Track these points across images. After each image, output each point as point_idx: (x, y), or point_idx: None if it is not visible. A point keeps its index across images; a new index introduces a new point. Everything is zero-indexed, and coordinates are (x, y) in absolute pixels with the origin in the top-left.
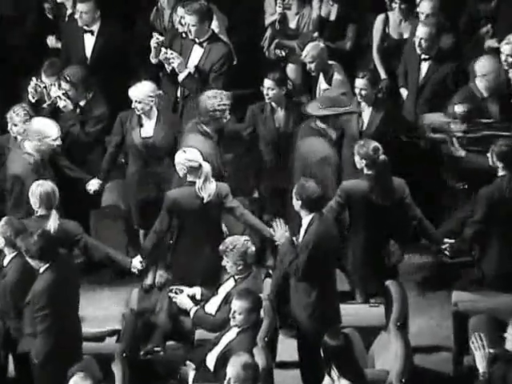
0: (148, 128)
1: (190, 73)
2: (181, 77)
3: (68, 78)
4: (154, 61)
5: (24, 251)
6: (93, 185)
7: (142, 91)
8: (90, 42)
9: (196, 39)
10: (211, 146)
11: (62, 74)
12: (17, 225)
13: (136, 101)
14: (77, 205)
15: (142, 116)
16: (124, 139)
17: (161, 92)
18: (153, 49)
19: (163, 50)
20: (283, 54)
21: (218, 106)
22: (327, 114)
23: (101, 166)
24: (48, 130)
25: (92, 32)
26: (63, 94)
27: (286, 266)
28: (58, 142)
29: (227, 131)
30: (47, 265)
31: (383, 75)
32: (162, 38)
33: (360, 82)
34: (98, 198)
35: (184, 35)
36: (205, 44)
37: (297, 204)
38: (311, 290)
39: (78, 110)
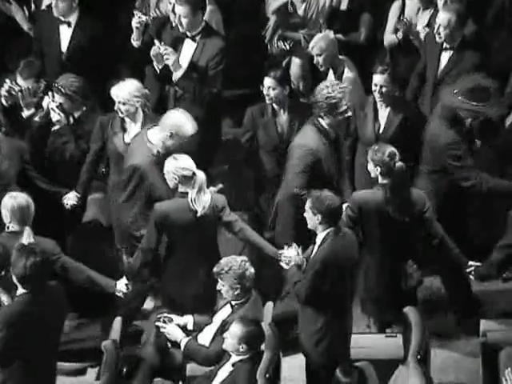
0: (132, 133)
1: (186, 71)
2: (176, 76)
3: (63, 90)
4: (135, 44)
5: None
6: (70, 199)
7: (126, 90)
8: (66, 34)
9: (187, 32)
10: (326, 146)
11: (55, 84)
12: None
13: (119, 102)
14: (55, 222)
15: (126, 119)
16: (105, 146)
17: (147, 91)
18: (135, 30)
19: (156, 43)
20: (287, 46)
21: (327, 98)
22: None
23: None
24: (184, 126)
25: (69, 23)
26: (57, 106)
27: (290, 287)
28: (187, 140)
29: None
30: (26, 291)
31: None
32: (144, 18)
33: (379, 79)
34: (78, 214)
35: (172, 26)
36: (198, 38)
37: (313, 220)
38: (318, 316)
39: (71, 121)
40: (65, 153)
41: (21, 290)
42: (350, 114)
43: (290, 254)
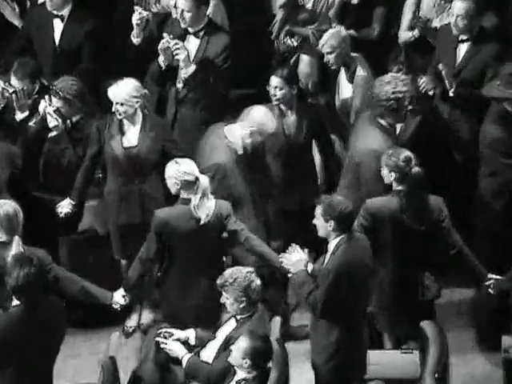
0: (131, 136)
1: (197, 68)
2: (186, 73)
3: (61, 93)
4: (135, 41)
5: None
6: (64, 207)
7: (124, 91)
8: (58, 28)
9: (190, 28)
10: (390, 146)
11: (53, 87)
12: None
13: (117, 103)
14: (48, 231)
15: (124, 121)
16: (102, 150)
17: (146, 91)
18: (135, 26)
19: (165, 36)
20: (295, 43)
21: (393, 93)
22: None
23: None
24: (266, 123)
25: (62, 17)
26: (54, 111)
27: (302, 299)
28: (264, 138)
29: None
30: (18, 302)
31: None
32: (145, 14)
33: None
34: (73, 223)
35: (173, 22)
36: (201, 34)
37: (325, 228)
38: (331, 329)
39: (69, 127)
40: (62, 159)
41: (15, 302)
42: (411, 107)
43: (294, 259)
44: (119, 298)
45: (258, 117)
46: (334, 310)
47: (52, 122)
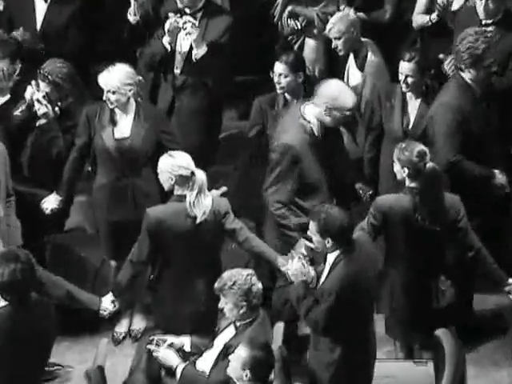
0: (123, 126)
1: (208, 50)
2: (198, 54)
3: (50, 77)
4: (132, 19)
5: None
6: (50, 202)
7: (116, 77)
8: (41, 9)
9: (187, 9)
10: (473, 104)
11: (40, 71)
12: None
13: (109, 90)
14: (32, 229)
15: (116, 111)
16: (91, 141)
17: (140, 78)
18: (133, 2)
19: (171, 15)
20: (298, 25)
21: (469, 48)
22: None
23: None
24: (341, 96)
25: None
26: (43, 97)
27: (302, 315)
28: (349, 113)
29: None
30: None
31: None
32: None
33: (406, 67)
34: (60, 221)
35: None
36: (199, 15)
37: (323, 244)
38: (335, 345)
39: (58, 114)
40: (51, 150)
41: (2, 303)
42: (494, 68)
43: (294, 268)
44: (108, 303)
45: (329, 91)
46: (337, 327)
47: (41, 109)
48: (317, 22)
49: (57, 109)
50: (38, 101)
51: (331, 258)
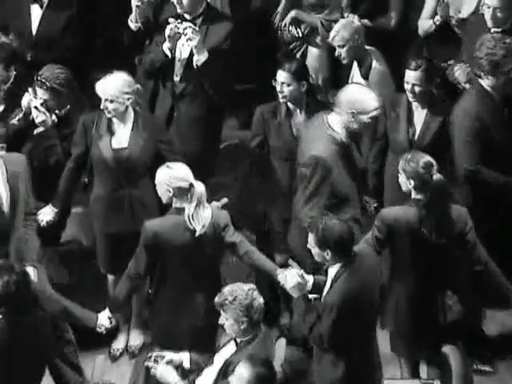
0: (121, 136)
1: (209, 56)
2: (200, 60)
3: (48, 84)
4: (133, 26)
5: None
6: (45, 214)
7: (114, 86)
8: (37, 14)
9: (186, 15)
10: (492, 110)
11: (38, 78)
12: None
13: (106, 99)
14: None
15: (114, 120)
16: (88, 151)
17: (139, 86)
18: (134, 9)
19: (172, 20)
20: (300, 33)
21: (487, 55)
22: None
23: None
24: (366, 99)
25: (41, 2)
26: (42, 104)
27: (304, 331)
28: (376, 114)
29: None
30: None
31: None
32: None
33: (412, 75)
34: (56, 233)
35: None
36: (199, 21)
37: (322, 256)
38: (338, 361)
39: (55, 121)
40: (49, 159)
41: None
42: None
43: (291, 280)
44: (104, 320)
45: (350, 96)
46: (341, 341)
47: (39, 116)
48: (320, 29)
49: (54, 117)
50: (36, 108)
51: (333, 271)
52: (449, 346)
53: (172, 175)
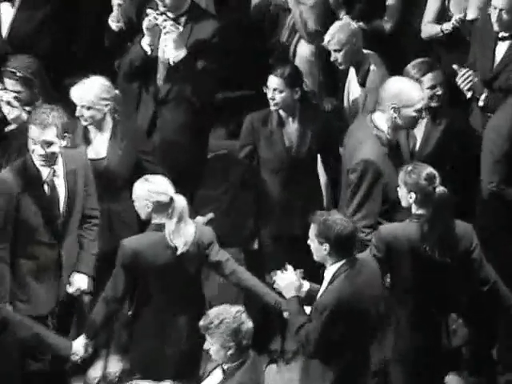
0: (99, 146)
1: (188, 53)
2: (177, 56)
3: (18, 73)
4: (114, 26)
5: None
6: None
7: (91, 91)
8: (7, 15)
9: (169, 13)
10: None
11: (6, 69)
12: None
13: (83, 106)
14: None
15: (91, 128)
16: None
17: (117, 92)
18: (115, 7)
19: (150, 12)
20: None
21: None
22: None
23: None
24: (408, 91)
25: (12, 1)
26: (14, 97)
27: (293, 332)
28: (422, 105)
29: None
30: None
31: None
32: None
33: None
34: None
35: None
36: (182, 20)
37: (320, 251)
38: (326, 371)
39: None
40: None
41: None
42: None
43: (287, 281)
44: (80, 347)
45: (390, 90)
46: (329, 350)
47: (11, 112)
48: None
49: (24, 114)
50: (9, 103)
51: (329, 273)
52: (453, 375)
53: (151, 189)
